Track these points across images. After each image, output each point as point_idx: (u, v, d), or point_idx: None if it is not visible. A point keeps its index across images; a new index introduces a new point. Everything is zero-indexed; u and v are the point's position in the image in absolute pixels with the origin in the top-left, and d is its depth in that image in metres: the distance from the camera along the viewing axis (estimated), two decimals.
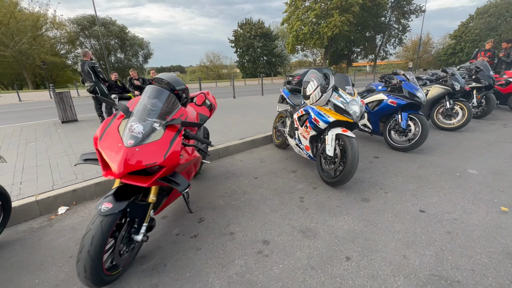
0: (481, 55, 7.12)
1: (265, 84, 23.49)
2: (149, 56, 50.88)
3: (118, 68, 48.45)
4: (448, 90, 4.41)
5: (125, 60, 48.61)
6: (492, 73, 5.26)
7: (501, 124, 4.83)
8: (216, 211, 2.25)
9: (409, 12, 31.07)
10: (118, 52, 47.55)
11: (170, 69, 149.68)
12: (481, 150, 3.51)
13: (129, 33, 47.25)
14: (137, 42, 47.93)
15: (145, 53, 50.12)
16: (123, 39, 44.99)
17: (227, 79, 44.05)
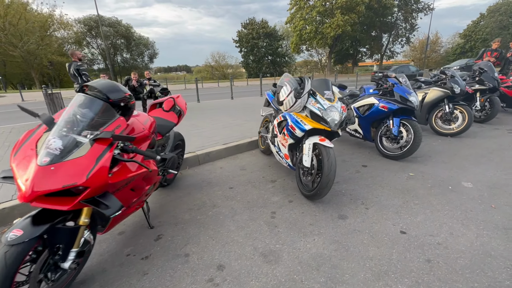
0: (487, 55, 6.75)
1: (269, 84, 23.32)
2: (154, 56, 51.18)
3: (124, 68, 48.96)
4: (447, 93, 4.13)
5: (131, 60, 49.04)
6: (497, 74, 4.94)
7: (505, 130, 4.52)
8: (178, 227, 2.07)
9: (417, 10, 30.29)
10: (124, 52, 48.00)
11: (176, 69, 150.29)
12: (480, 159, 3.23)
13: (135, 33, 47.64)
14: (142, 42, 48.26)
15: (151, 53, 50.43)
16: (129, 38, 45.35)
17: (234, 78, 43.91)
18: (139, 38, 48.09)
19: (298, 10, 28.19)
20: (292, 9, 28.88)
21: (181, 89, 21.16)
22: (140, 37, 48.35)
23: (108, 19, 43.96)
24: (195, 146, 3.82)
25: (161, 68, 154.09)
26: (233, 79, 35.97)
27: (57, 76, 42.90)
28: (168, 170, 2.34)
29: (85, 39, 43.68)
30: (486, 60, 6.74)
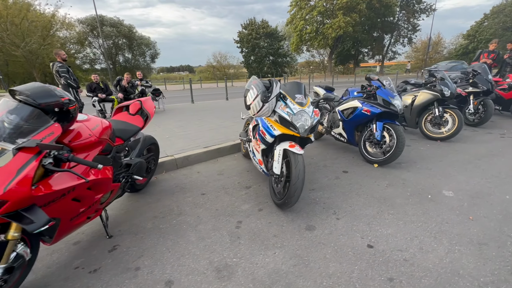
0: (484, 56, 6.60)
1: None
2: (156, 56, 51.34)
3: (126, 68, 49.14)
4: (437, 96, 4.00)
5: (133, 59, 49.22)
6: (491, 76, 4.79)
7: (498, 134, 4.37)
8: (137, 236, 1.97)
9: (419, 11, 30.04)
10: (126, 51, 48.19)
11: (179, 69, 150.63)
12: (466, 165, 3.10)
13: (137, 33, 47.81)
14: (144, 42, 48.42)
15: (152, 53, 50.58)
16: (131, 38, 45.53)
17: (234, 79, 43.83)
18: (141, 38, 48.28)
19: (298, 11, 28.06)
20: (292, 10, 28.76)
21: (179, 90, 21.14)
22: (142, 37, 48.54)
23: (110, 19, 44.19)
24: (176, 148, 3.73)
25: (163, 68, 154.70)
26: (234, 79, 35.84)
27: None
28: (133, 176, 2.25)
29: (87, 39, 43.89)
30: (482, 62, 6.60)
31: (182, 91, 18.54)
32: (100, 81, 7.06)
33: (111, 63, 46.74)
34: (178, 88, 23.29)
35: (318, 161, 3.45)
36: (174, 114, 6.99)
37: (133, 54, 48.95)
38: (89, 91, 6.82)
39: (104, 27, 41.93)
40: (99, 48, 44.70)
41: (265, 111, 2.15)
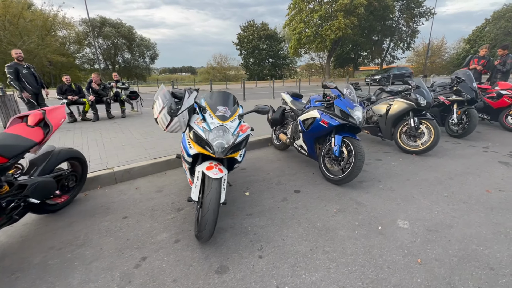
0: (474, 62, 6.23)
1: (264, 87, 22.80)
2: (155, 57, 51.26)
3: (125, 68, 49.09)
4: (412, 105, 3.65)
5: (132, 60, 49.16)
6: (476, 84, 4.43)
7: (481, 148, 4.00)
8: (12, 276, 1.63)
9: (419, 15, 29.68)
10: (126, 52, 48.13)
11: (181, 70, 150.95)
12: (435, 186, 2.74)
13: (137, 34, 47.78)
14: (144, 43, 48.38)
15: (152, 54, 50.49)
16: (130, 39, 45.45)
17: (234, 81, 43.47)
18: (141, 39, 48.25)
19: (297, 13, 27.76)
20: (292, 12, 28.46)
21: None
22: (142, 38, 48.51)
23: (111, 20, 44.17)
24: (124, 159, 3.40)
25: (166, 69, 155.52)
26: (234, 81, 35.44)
27: (58, 75, 43.06)
28: (28, 200, 1.91)
29: (86, 39, 43.86)
30: (472, 68, 6.24)
31: None
32: (72, 83, 6.76)
33: (110, 63, 46.77)
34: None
35: (273, 177, 3.09)
36: (148, 118, 6.67)
37: (133, 55, 48.91)
38: (59, 93, 6.52)
39: (105, 27, 41.92)
40: (98, 48, 44.62)
41: (176, 126, 1.81)
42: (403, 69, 23.44)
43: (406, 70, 22.91)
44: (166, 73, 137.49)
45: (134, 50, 47.59)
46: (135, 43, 47.07)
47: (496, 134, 4.78)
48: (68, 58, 40.10)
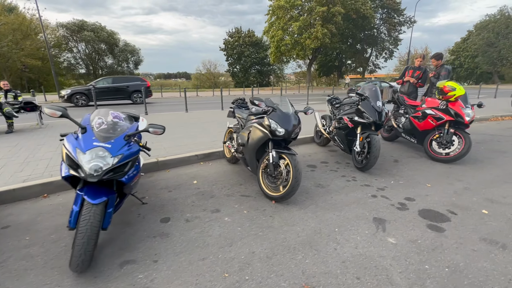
0: (409, 74, 5.33)
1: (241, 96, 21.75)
2: (139, 63, 50.31)
3: (108, 73, 47.97)
4: (266, 135, 2.65)
5: (115, 65, 48.14)
6: (381, 103, 3.47)
7: (375, 188, 2.99)
8: None
9: (400, 24, 29.41)
10: (108, 57, 47.12)
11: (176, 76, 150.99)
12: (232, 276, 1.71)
13: (120, 39, 46.90)
14: (128, 49, 47.49)
15: (136, 60, 49.54)
16: (112, 44, 44.48)
17: (223, 87, 42.39)
18: (124, 44, 47.36)
19: (276, 20, 27.16)
20: (271, 18, 27.86)
21: (157, 98, 19.78)
22: (126, 43, 47.64)
23: (92, 25, 43.25)
24: None
25: (161, 75, 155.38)
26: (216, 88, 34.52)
27: (36, 79, 41.78)
28: None
29: (67, 43, 42.82)
30: (407, 80, 5.34)
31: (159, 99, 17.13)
32: None
33: (91, 68, 45.62)
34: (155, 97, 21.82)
35: (214, 189, 2.25)
36: (47, 133, 5.55)
37: (117, 60, 47.92)
38: None
39: (84, 31, 40.88)
40: (78, 52, 43.55)
41: None
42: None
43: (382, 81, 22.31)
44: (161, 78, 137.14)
45: (117, 55, 46.62)
46: (118, 48, 46.16)
47: (416, 165, 3.80)
48: (44, 62, 38.88)
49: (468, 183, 3.09)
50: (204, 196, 2.83)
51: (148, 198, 2.81)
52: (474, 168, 3.60)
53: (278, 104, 2.74)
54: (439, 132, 3.94)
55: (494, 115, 7.87)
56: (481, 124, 6.95)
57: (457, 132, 3.79)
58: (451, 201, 2.63)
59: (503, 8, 36.59)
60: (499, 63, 37.08)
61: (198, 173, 3.53)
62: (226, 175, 3.41)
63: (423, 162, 3.89)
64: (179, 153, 4.05)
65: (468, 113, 3.69)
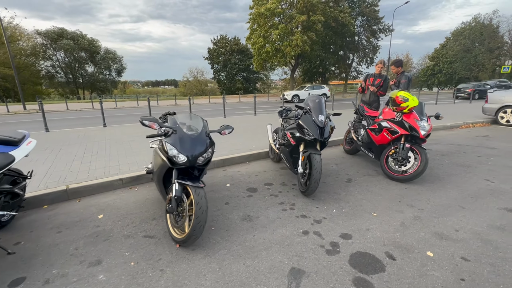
0: (370, 81, 4.96)
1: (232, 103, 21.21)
2: (122, 70, 49.19)
3: (88, 82, 46.61)
4: (165, 164, 2.12)
5: (97, 73, 46.85)
6: (323, 117, 3.01)
7: (312, 220, 2.51)
8: None
9: (378, 31, 29.94)
10: (89, 65, 45.82)
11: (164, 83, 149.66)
12: None
13: (101, 47, 45.83)
14: (109, 56, 46.39)
15: (118, 67, 48.42)
16: (93, 52, 43.29)
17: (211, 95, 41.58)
18: (106, 52, 46.27)
19: (258, 27, 26.99)
20: (254, 25, 27.70)
21: (133, 107, 19.00)
22: (107, 51, 46.56)
23: (72, 33, 42.00)
24: None
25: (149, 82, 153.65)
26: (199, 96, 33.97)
27: (12, 88, 39.99)
28: None
29: (46, 51, 41.38)
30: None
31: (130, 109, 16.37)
32: None
33: (70, 77, 44.13)
34: (131, 105, 21.00)
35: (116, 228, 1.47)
36: None
37: (99, 68, 46.67)
38: None
39: (62, 39, 39.59)
40: (56, 60, 42.10)
41: None
42: None
43: None
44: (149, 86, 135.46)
45: (99, 63, 45.41)
46: (99, 56, 45.00)
47: (369, 185, 3.35)
48: (22, 71, 37.30)
49: (420, 210, 2.65)
50: (97, 238, 2.26)
51: (24, 243, 2.23)
52: (431, 189, 3.18)
53: (184, 124, 2.24)
54: (395, 147, 3.53)
55: (465, 122, 7.67)
56: (451, 133, 6.69)
57: (413, 147, 3.38)
58: (393, 239, 2.17)
59: (477, 16, 38.13)
60: (475, 68, 38.34)
61: (113, 203, 2.96)
62: (144, 206, 2.86)
63: (378, 182, 3.45)
64: (100, 176, 3.47)
65: (424, 126, 3.30)
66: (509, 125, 7.40)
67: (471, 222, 2.40)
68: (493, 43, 36.13)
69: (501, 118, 7.61)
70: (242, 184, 3.45)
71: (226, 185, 3.45)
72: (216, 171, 4.00)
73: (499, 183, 3.31)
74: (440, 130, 7.06)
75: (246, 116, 10.66)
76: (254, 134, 6.21)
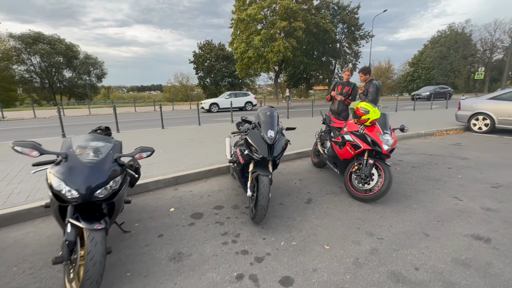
0: (338, 90, 4.69)
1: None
2: (103, 76, 47.66)
3: (66, 87, 44.77)
4: (54, 201, 1.66)
5: (76, 78, 45.12)
6: (274, 133, 2.64)
7: (251, 261, 2.11)
8: None
9: (359, 37, 30.56)
10: (68, 71, 44.04)
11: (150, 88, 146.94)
12: None
13: (81, 51, 44.24)
14: (89, 61, 44.85)
15: (99, 73, 46.87)
16: (70, 57, 41.60)
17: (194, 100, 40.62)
18: (85, 57, 44.71)
19: (242, 33, 26.79)
20: (237, 31, 27.48)
21: (107, 114, 18.01)
22: (87, 56, 45.00)
23: (50, 37, 40.24)
24: None
25: (134, 87, 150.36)
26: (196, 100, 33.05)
27: None
28: None
29: (20, 56, 39.41)
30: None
31: (101, 117, 15.48)
32: None
33: (47, 82, 42.15)
34: (105, 112, 19.99)
35: None
36: None
37: (77, 73, 44.93)
38: None
39: (38, 44, 37.81)
40: (30, 65, 40.17)
41: None
42: None
43: None
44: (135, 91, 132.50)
45: (77, 68, 43.74)
46: (78, 61, 43.42)
47: (329, 207, 3.01)
48: None
49: (379, 241, 2.31)
50: None
51: None
52: (396, 210, 2.87)
53: (84, 147, 1.80)
54: (358, 162, 3.22)
55: (439, 129, 7.60)
56: (425, 141, 6.55)
57: (377, 163, 3.07)
58: (341, 284, 1.79)
59: (452, 25, 39.85)
60: (452, 74, 39.89)
61: (23, 238, 2.46)
62: (60, 240, 2.36)
63: (340, 202, 3.11)
64: (21, 202, 2.94)
65: (387, 141, 3.00)
66: (482, 132, 7.39)
67: (434, 255, 2.08)
68: (467, 51, 37.76)
69: (473, 125, 7.59)
70: (188, 208, 3.02)
71: (170, 209, 3.01)
72: (165, 192, 3.54)
73: (468, 201, 3.05)
74: (414, 138, 6.92)
75: (222, 124, 10.23)
76: (223, 145, 5.80)
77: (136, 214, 2.89)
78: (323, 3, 27.82)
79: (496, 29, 36.33)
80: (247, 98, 18.83)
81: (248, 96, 19.27)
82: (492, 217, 2.67)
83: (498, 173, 4.02)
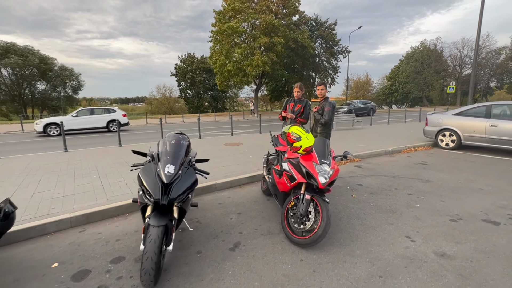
0: (290, 107, 4.24)
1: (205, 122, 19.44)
2: (79, 88, 45.83)
3: (38, 100, 42.60)
4: None
5: (49, 91, 43.11)
6: (174, 168, 2.08)
7: None
8: None
9: (337, 52, 31.34)
10: (41, 82, 42.04)
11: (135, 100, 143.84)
12: None
13: (57, 64, 42.56)
14: (65, 73, 43.12)
15: (75, 85, 45.08)
16: (44, 70, 39.74)
17: (179, 114, 39.43)
18: (61, 68, 43.00)
19: (220, 46, 26.65)
20: (216, 46, 27.33)
21: None
22: (62, 67, 43.30)
23: (24, 48, 38.43)
24: None
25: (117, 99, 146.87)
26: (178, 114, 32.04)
27: None
28: None
29: None
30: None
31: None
32: None
33: (16, 94, 39.86)
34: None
35: None
36: None
37: (52, 85, 42.96)
38: None
39: (7, 56, 35.84)
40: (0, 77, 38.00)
41: None
42: None
43: None
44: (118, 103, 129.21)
45: (52, 79, 41.88)
46: (54, 72, 41.66)
47: (256, 257, 2.44)
48: None
49: None
50: None
51: None
52: (333, 260, 2.33)
53: None
54: (295, 197, 2.69)
55: (407, 146, 7.34)
56: (391, 159, 6.21)
57: (315, 198, 2.56)
58: None
59: (424, 42, 41.97)
60: (426, 88, 41.62)
61: None
62: None
63: (273, 247, 2.55)
64: None
65: (324, 172, 2.50)
66: (449, 149, 7.20)
67: None
68: (439, 66, 39.67)
69: (441, 141, 7.41)
70: (76, 262, 2.34)
71: (52, 265, 2.32)
72: (65, 236, 2.84)
73: (421, 242, 2.58)
74: (381, 156, 6.59)
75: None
76: None
77: (5, 272, 2.17)
78: (301, 19, 28.46)
79: (464, 46, 38.59)
80: (111, 116, 14.01)
81: (112, 113, 14.26)
82: (445, 267, 2.18)
83: (460, 200, 3.63)
